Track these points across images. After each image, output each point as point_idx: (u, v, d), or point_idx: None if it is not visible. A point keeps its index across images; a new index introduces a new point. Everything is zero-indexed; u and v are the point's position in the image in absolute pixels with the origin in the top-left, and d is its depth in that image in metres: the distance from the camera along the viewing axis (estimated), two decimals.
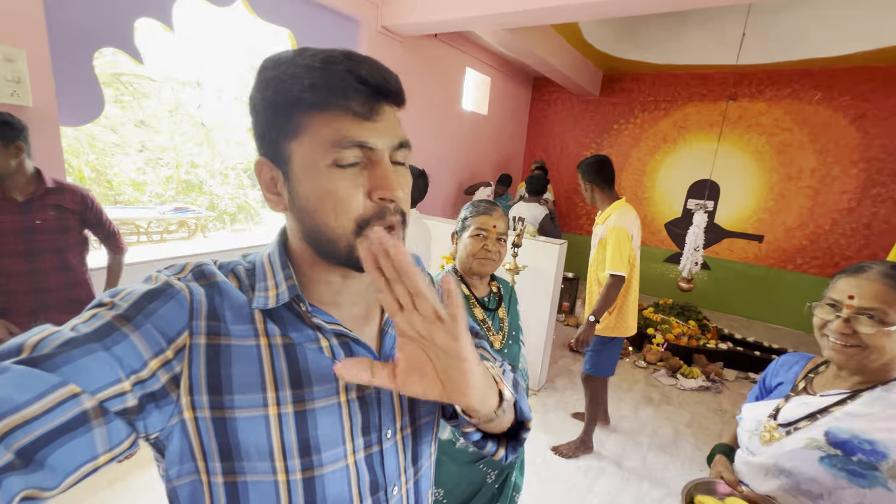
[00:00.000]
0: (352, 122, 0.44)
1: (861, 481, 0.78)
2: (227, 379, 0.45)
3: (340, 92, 0.44)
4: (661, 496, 2.22)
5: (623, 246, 2.12)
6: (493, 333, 1.24)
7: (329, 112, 0.44)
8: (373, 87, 0.44)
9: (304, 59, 0.44)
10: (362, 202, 0.46)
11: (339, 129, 0.44)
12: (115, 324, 0.40)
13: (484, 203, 1.29)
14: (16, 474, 0.32)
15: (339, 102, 0.44)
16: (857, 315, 0.81)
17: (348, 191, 0.45)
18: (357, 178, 0.46)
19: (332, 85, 0.43)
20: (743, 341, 4.12)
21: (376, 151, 0.46)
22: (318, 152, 0.45)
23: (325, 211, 0.46)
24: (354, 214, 0.46)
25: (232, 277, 0.50)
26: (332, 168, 0.45)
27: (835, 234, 4.80)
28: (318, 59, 0.44)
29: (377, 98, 0.45)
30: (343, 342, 0.52)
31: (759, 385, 1.10)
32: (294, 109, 0.45)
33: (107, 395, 0.37)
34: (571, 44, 4.78)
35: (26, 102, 1.83)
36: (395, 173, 0.48)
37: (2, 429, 0.32)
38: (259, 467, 0.46)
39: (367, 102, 0.45)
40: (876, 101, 4.43)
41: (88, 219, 1.85)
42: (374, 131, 0.45)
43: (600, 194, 2.26)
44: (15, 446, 0.32)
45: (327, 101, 0.44)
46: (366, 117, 0.45)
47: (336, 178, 0.45)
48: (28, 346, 0.37)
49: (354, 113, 0.44)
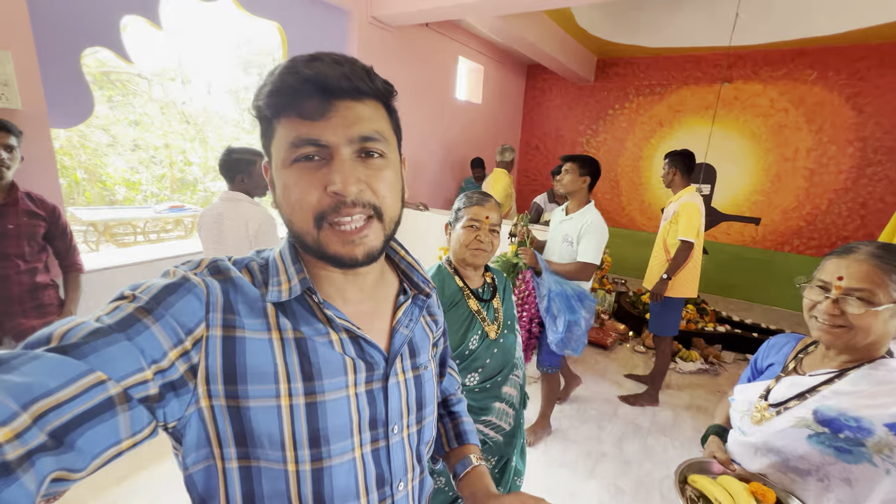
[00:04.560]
0: (302, 123, 0.47)
1: (848, 457, 0.80)
2: (241, 369, 0.47)
3: (289, 96, 0.47)
4: (661, 477, 2.26)
5: (694, 218, 2.56)
6: (489, 324, 1.25)
7: (284, 116, 0.48)
8: (321, 86, 0.46)
9: (278, 68, 0.48)
10: (318, 197, 0.48)
11: (293, 129, 0.47)
12: (137, 315, 0.42)
13: (477, 194, 1.30)
14: (48, 455, 0.34)
15: (291, 106, 0.47)
16: (845, 296, 0.82)
17: (304, 186, 0.48)
18: (314, 174, 0.48)
19: (283, 91, 0.46)
20: (741, 324, 4.15)
21: (330, 147, 0.48)
22: (282, 152, 0.49)
23: (288, 206, 0.49)
24: (310, 207, 0.48)
25: (246, 273, 0.52)
26: (292, 166, 0.48)
27: (831, 214, 4.81)
28: (281, 68, 0.47)
29: (327, 96, 0.47)
30: (352, 338, 0.54)
31: (750, 366, 1.11)
32: (264, 117, 0.49)
33: (131, 383, 0.39)
34: (565, 29, 4.74)
35: (15, 105, 1.82)
36: (356, 167, 0.49)
37: (37, 410, 0.34)
38: (271, 455, 0.48)
39: (317, 102, 0.47)
40: (871, 80, 4.41)
41: (53, 229, 1.83)
42: (326, 129, 0.47)
43: (679, 179, 2.69)
44: (48, 428, 0.34)
45: (281, 106, 0.47)
46: (314, 117, 0.47)
47: (294, 174, 0.48)
48: (56, 335, 0.38)
49: (302, 114, 0.47)
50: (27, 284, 1.76)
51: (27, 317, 1.78)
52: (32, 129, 1.90)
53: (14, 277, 1.72)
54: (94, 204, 7.08)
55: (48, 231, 1.82)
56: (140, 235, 6.18)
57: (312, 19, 3.20)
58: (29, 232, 1.74)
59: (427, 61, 4.35)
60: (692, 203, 2.58)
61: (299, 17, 3.09)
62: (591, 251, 2.21)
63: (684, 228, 2.57)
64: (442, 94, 4.71)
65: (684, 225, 2.57)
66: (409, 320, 0.61)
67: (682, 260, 2.60)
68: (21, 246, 1.72)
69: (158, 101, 7.67)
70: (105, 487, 1.95)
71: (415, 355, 0.62)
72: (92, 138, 6.94)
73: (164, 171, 8.00)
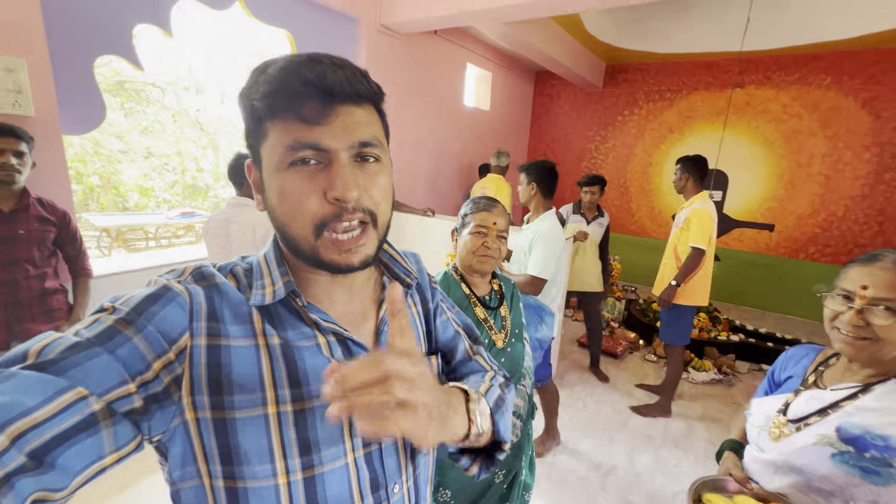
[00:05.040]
0: (301, 127, 0.45)
1: (875, 478, 0.76)
2: (227, 379, 0.45)
3: (288, 98, 0.45)
4: (675, 492, 2.19)
5: (706, 225, 2.52)
6: (496, 332, 1.22)
7: (281, 118, 0.46)
8: (323, 90, 0.45)
9: (272, 67, 0.46)
10: (318, 203, 0.46)
11: (291, 132, 0.45)
12: (118, 327, 0.41)
13: (484, 199, 1.28)
14: (28, 476, 0.33)
15: (290, 108, 0.45)
16: (870, 306, 0.78)
17: (304, 192, 0.46)
18: (313, 180, 0.46)
19: (282, 92, 0.45)
20: (755, 332, 4.06)
21: (329, 152, 0.46)
22: (276, 155, 0.46)
23: (284, 212, 0.47)
24: (310, 214, 0.46)
25: (231, 278, 0.51)
26: (288, 170, 0.46)
27: (848, 221, 4.70)
28: (278, 67, 0.45)
29: (328, 100, 0.45)
30: (340, 340, 0.53)
31: (767, 379, 1.07)
32: (257, 116, 0.47)
33: (113, 397, 0.38)
34: (573, 35, 4.72)
35: (29, 112, 1.85)
36: (355, 173, 0.47)
37: (14, 432, 0.32)
38: (259, 472, 0.46)
39: (317, 106, 0.45)
40: (887, 84, 4.32)
41: (63, 234, 1.85)
42: (326, 133, 0.46)
43: (692, 185, 2.65)
44: (27, 449, 0.33)
45: (279, 108, 0.45)
46: (314, 121, 0.45)
47: (291, 179, 0.46)
48: (33, 352, 0.37)
49: (303, 117, 0.45)
50: (37, 289, 1.77)
51: (36, 321, 1.79)
52: (45, 136, 1.93)
53: (24, 282, 1.73)
54: (108, 210, 7.20)
55: (58, 236, 1.84)
56: (152, 241, 6.26)
57: (322, 27, 3.23)
58: (39, 237, 1.76)
59: (435, 68, 4.37)
60: (704, 209, 2.55)
61: (309, 25, 3.12)
62: (539, 263, 1.97)
63: (695, 235, 2.53)
64: (450, 100, 4.72)
65: (695, 232, 2.53)
66: None
67: (693, 267, 2.56)
68: (31, 251, 1.74)
69: (171, 109, 7.80)
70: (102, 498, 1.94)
71: None
72: (106, 145, 7.07)
73: (175, 177, 8.12)
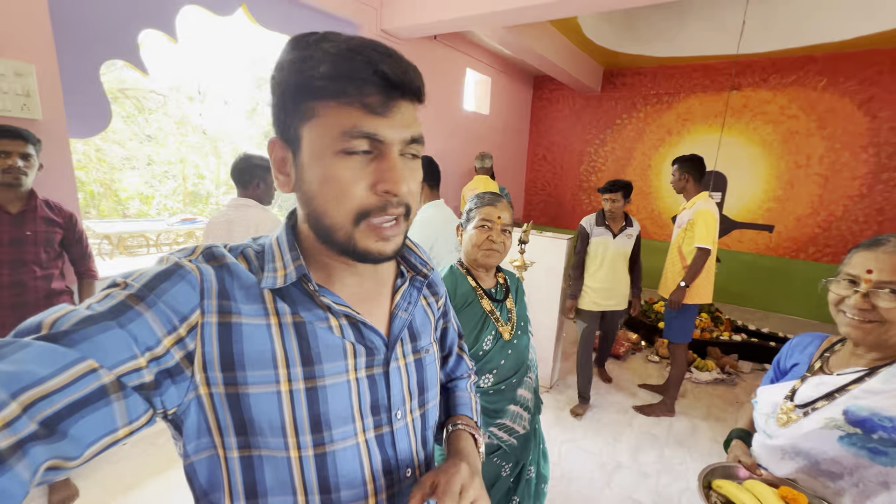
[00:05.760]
0: (364, 115, 0.44)
1: (883, 459, 0.76)
2: (239, 356, 0.46)
3: (357, 84, 0.43)
4: (680, 490, 2.18)
5: (710, 225, 2.53)
6: (502, 324, 1.23)
7: (342, 101, 0.44)
8: (391, 82, 0.44)
9: (328, 44, 0.44)
10: (364, 193, 0.46)
11: (351, 119, 0.44)
12: (129, 302, 0.41)
13: (489, 195, 1.29)
14: (41, 444, 0.34)
15: (354, 94, 0.44)
16: (876, 289, 0.79)
17: (352, 180, 0.45)
18: (363, 169, 0.46)
19: (349, 76, 0.43)
20: (757, 332, 4.06)
21: (385, 144, 0.46)
22: (327, 139, 0.45)
23: (326, 197, 0.46)
24: (354, 204, 0.46)
25: (241, 259, 0.51)
26: (339, 156, 0.45)
27: (847, 221, 4.72)
28: (340, 47, 0.44)
29: (394, 93, 0.45)
30: (352, 323, 0.53)
31: (773, 367, 1.08)
32: (309, 94, 0.45)
33: (123, 371, 0.38)
34: (571, 40, 4.77)
35: (36, 116, 1.87)
36: (403, 167, 0.47)
37: (26, 400, 0.33)
38: (272, 443, 0.46)
39: (382, 97, 0.44)
40: (883, 85, 4.36)
41: (70, 236, 1.86)
42: (386, 125, 0.45)
43: (692, 185, 2.69)
44: (38, 417, 0.34)
45: (342, 91, 0.44)
46: (378, 112, 0.44)
47: (341, 167, 0.45)
48: (46, 323, 0.38)
49: (367, 106, 0.44)
50: (43, 290, 1.78)
51: None
52: (52, 140, 1.94)
53: (30, 283, 1.74)
54: (109, 217, 7.21)
55: (65, 238, 1.85)
56: (153, 248, 6.26)
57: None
58: (46, 239, 1.77)
59: (435, 73, 4.41)
60: (708, 210, 2.57)
61: (310, 31, 3.15)
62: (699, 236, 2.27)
63: (701, 235, 2.54)
64: (450, 105, 4.76)
65: (701, 232, 2.55)
66: (407, 303, 0.60)
67: (700, 267, 2.58)
68: (38, 252, 1.75)
69: (173, 116, 7.85)
70: (114, 494, 1.94)
71: (415, 339, 0.61)
72: (108, 153, 7.10)
73: (176, 184, 8.14)
